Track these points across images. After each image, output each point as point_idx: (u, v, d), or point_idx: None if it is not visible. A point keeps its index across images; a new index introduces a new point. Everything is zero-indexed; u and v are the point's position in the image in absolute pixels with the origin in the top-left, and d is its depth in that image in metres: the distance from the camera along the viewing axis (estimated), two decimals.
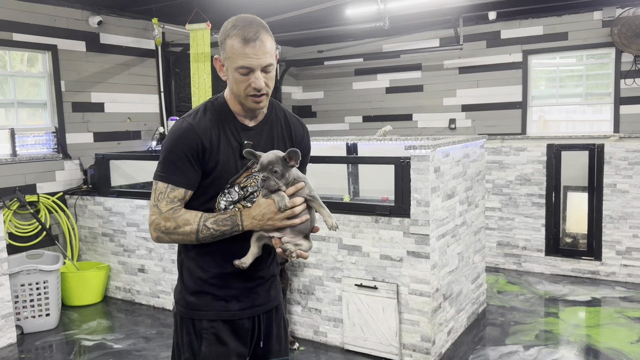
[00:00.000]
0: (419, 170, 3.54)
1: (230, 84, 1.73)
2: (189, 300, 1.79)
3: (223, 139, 1.72)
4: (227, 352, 1.78)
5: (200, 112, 1.75)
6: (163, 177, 1.71)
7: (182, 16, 6.06)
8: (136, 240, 5.08)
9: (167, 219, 1.69)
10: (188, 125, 1.70)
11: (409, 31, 7.58)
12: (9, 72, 5.26)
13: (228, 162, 1.73)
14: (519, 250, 5.87)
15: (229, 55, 1.69)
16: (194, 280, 1.79)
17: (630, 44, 6.26)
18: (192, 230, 1.67)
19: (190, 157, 1.68)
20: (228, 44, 1.69)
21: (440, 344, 3.80)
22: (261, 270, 1.84)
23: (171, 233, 1.69)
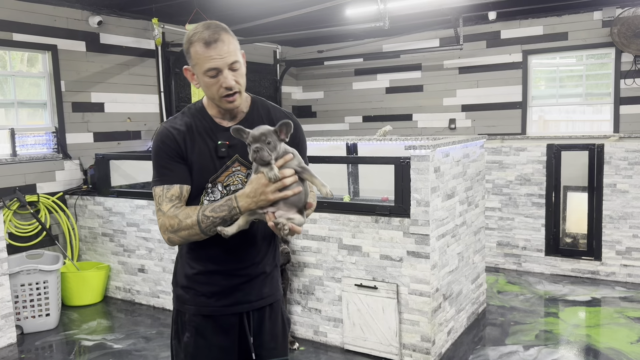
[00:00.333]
0: (419, 170, 3.54)
1: (204, 90, 1.79)
2: (178, 293, 1.91)
3: (198, 139, 1.80)
4: (207, 344, 1.85)
5: (179, 116, 1.86)
6: (158, 182, 1.80)
7: (182, 16, 6.06)
8: (136, 240, 5.08)
9: (171, 217, 1.76)
10: (165, 130, 1.81)
11: (409, 31, 7.58)
12: (9, 72, 5.26)
13: (204, 162, 1.79)
14: (519, 250, 5.87)
15: (195, 62, 1.75)
16: (183, 275, 1.89)
17: (630, 44, 6.27)
18: (194, 222, 1.72)
19: (174, 157, 1.78)
20: (192, 51, 1.74)
21: (440, 344, 3.80)
22: (248, 267, 1.87)
23: (177, 230, 1.75)
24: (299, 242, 4.09)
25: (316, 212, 3.99)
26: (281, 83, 8.60)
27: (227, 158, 1.81)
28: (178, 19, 6.35)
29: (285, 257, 3.89)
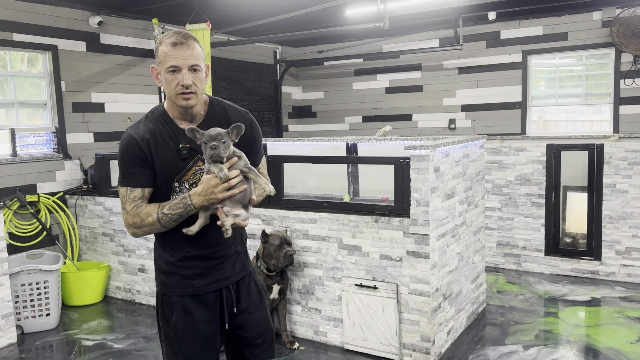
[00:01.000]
0: (418, 170, 3.55)
1: (164, 87, 1.96)
2: (162, 279, 2.10)
3: (161, 143, 1.98)
4: (194, 320, 2.07)
5: (142, 122, 2.02)
6: (122, 183, 2.00)
7: (182, 16, 6.07)
8: (136, 240, 5.08)
9: (133, 215, 1.97)
10: (129, 136, 1.98)
11: (409, 31, 7.59)
12: (10, 72, 5.27)
13: (169, 164, 1.98)
14: (519, 250, 5.87)
15: (160, 59, 1.93)
16: (165, 263, 2.08)
17: (629, 44, 6.27)
18: (155, 220, 1.95)
19: (137, 162, 1.96)
20: (160, 50, 1.93)
21: (440, 343, 3.81)
22: (222, 249, 2.09)
23: (140, 226, 1.98)
24: (299, 242, 4.10)
25: (316, 212, 4.00)
26: (281, 83, 8.60)
27: (189, 159, 2.00)
28: (178, 19, 6.36)
29: (289, 259, 3.88)
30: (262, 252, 3.91)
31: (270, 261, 3.87)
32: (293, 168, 4.30)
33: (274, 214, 4.18)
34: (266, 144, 5.62)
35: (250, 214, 2.03)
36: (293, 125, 8.99)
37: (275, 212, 4.18)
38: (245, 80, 7.96)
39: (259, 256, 3.93)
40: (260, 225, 4.23)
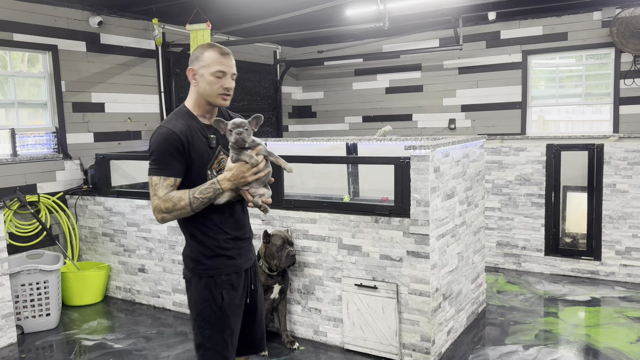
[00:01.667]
0: (418, 170, 3.55)
1: (202, 87, 2.27)
2: (207, 263, 2.30)
3: (195, 136, 2.25)
4: (236, 295, 2.35)
5: (173, 119, 2.28)
6: (155, 172, 2.21)
7: (182, 16, 6.07)
8: (136, 240, 5.08)
9: (165, 200, 2.19)
10: (168, 130, 2.21)
11: (409, 31, 7.59)
12: (10, 72, 5.27)
13: (204, 155, 2.27)
14: (519, 250, 5.88)
15: (206, 63, 2.25)
16: (209, 248, 2.30)
17: (628, 43, 6.28)
18: (186, 204, 2.17)
19: (175, 153, 2.19)
20: (206, 56, 2.25)
21: (440, 343, 3.81)
22: (247, 232, 2.43)
23: (171, 211, 2.19)
24: (299, 242, 4.10)
25: (316, 212, 4.00)
26: (281, 83, 8.60)
27: (215, 149, 2.31)
28: (178, 20, 6.36)
29: (291, 260, 3.89)
30: (264, 252, 3.91)
31: (272, 261, 3.87)
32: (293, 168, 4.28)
33: (274, 214, 4.18)
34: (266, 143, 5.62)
35: (271, 192, 2.34)
36: (293, 125, 8.99)
37: (276, 212, 4.19)
38: (245, 80, 7.96)
39: (261, 256, 3.93)
40: (261, 225, 4.23)
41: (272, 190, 2.38)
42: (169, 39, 6.69)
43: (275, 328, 4.26)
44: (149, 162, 2.24)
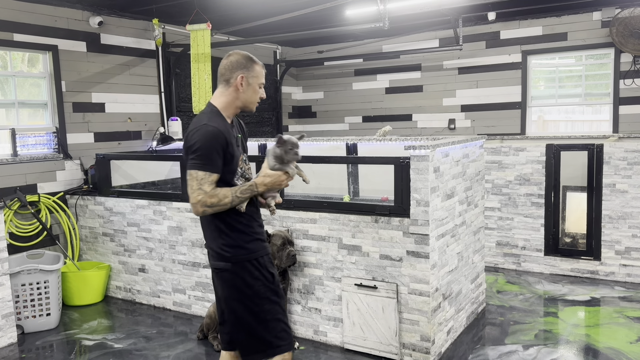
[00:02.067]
0: (418, 170, 3.55)
1: (247, 94, 2.55)
2: (249, 246, 2.51)
3: (231, 136, 2.47)
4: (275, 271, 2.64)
5: (214, 118, 2.45)
6: (203, 167, 2.37)
7: (182, 16, 6.07)
8: (137, 240, 5.09)
9: (212, 196, 2.37)
10: (214, 129, 2.38)
11: (409, 32, 7.60)
12: (10, 73, 5.27)
13: (235, 153, 2.48)
14: (518, 250, 5.88)
15: (256, 74, 2.55)
16: (247, 234, 2.52)
17: (627, 43, 6.29)
18: (229, 201, 2.40)
19: (219, 151, 2.38)
20: (256, 68, 2.55)
21: (440, 343, 3.82)
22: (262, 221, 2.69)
23: (214, 206, 2.39)
24: (299, 242, 4.10)
25: (316, 212, 4.01)
26: (281, 83, 8.61)
27: (239, 147, 2.56)
28: (178, 20, 6.36)
29: (292, 260, 3.89)
30: None
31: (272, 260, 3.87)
32: None
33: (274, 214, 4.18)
34: (266, 144, 5.63)
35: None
36: (293, 125, 8.99)
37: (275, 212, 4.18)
38: None
39: None
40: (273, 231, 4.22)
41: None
42: (169, 39, 6.70)
43: None
44: (191, 157, 2.38)
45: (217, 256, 2.50)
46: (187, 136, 2.44)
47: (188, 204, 4.65)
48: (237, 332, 2.53)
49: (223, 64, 2.53)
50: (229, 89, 2.51)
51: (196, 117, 2.50)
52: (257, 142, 5.29)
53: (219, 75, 2.54)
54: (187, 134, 2.45)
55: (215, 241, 2.51)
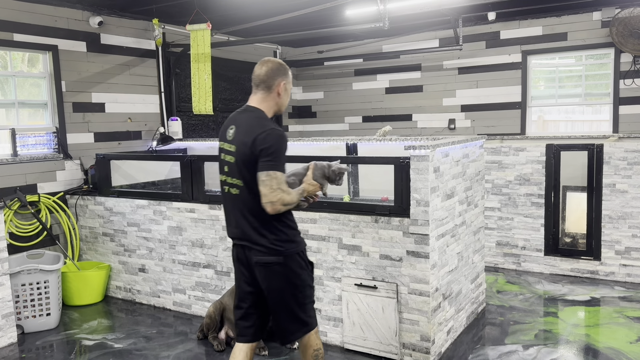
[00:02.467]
0: (418, 170, 3.56)
1: (284, 99, 2.77)
2: (298, 240, 2.76)
3: None
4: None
5: (273, 123, 2.68)
6: (279, 168, 2.59)
7: (182, 17, 6.07)
8: (137, 240, 5.09)
9: (289, 194, 2.59)
10: (283, 133, 2.64)
11: (409, 32, 7.60)
12: (10, 73, 5.28)
13: None
14: (518, 250, 5.88)
15: (290, 80, 2.79)
16: (295, 230, 2.77)
17: (627, 43, 6.29)
18: (296, 201, 2.66)
19: (285, 154, 2.65)
20: (290, 75, 2.79)
21: (440, 343, 3.82)
22: None
23: (289, 205, 2.60)
24: None
25: (316, 212, 4.01)
26: None
27: None
28: (178, 20, 6.36)
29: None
30: None
31: None
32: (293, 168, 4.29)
33: None
34: None
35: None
36: (293, 125, 9.00)
37: None
38: (245, 80, 7.96)
39: None
40: None
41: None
42: (169, 39, 6.70)
43: None
44: (267, 158, 2.55)
45: (268, 251, 2.66)
46: (257, 138, 2.56)
47: (188, 204, 4.66)
48: (283, 320, 2.74)
49: (262, 71, 2.69)
50: (270, 94, 2.71)
51: (254, 121, 2.65)
52: None
53: (259, 82, 2.70)
54: (255, 137, 2.56)
55: (266, 238, 2.66)
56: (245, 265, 2.75)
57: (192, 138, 6.81)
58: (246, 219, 2.67)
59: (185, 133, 6.89)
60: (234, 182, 2.70)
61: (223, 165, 2.77)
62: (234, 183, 2.70)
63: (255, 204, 2.62)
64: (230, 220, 2.78)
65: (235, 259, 2.82)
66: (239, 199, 2.69)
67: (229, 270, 4.52)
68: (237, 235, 2.74)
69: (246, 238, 2.69)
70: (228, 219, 2.80)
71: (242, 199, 2.68)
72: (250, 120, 2.66)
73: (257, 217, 2.64)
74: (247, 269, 2.75)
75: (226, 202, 2.80)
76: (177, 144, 6.34)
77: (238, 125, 2.70)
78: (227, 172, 2.73)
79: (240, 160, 2.63)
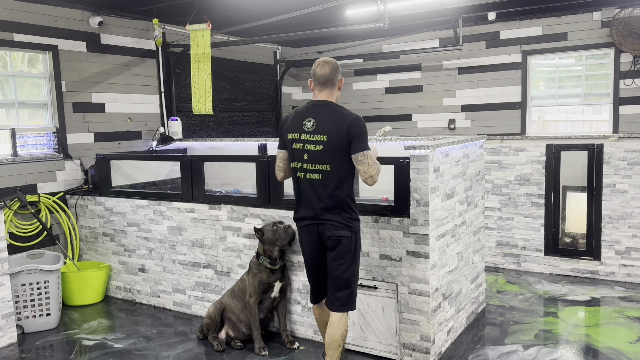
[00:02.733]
0: (418, 170, 3.56)
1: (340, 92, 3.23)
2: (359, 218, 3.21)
3: None
4: None
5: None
6: (368, 147, 3.06)
7: (182, 17, 6.07)
8: (137, 240, 5.09)
9: (379, 164, 3.10)
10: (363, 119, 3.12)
11: (409, 32, 7.60)
12: (10, 73, 5.28)
13: None
14: (518, 250, 5.88)
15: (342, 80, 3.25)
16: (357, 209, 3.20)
17: (626, 43, 6.29)
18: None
19: None
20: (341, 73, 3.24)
21: (440, 343, 3.82)
22: None
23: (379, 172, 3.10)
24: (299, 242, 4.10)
25: None
26: (281, 83, 8.61)
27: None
28: (178, 20, 6.36)
29: (291, 233, 3.96)
30: (263, 247, 3.93)
31: (274, 248, 3.88)
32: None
33: (274, 214, 4.19)
34: (266, 144, 5.63)
35: None
36: None
37: (275, 212, 4.19)
38: (245, 80, 7.97)
39: (260, 254, 3.95)
40: (260, 225, 4.23)
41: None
42: (169, 39, 6.70)
43: (275, 328, 4.27)
44: (361, 140, 3.02)
45: (342, 226, 3.09)
46: (350, 125, 3.01)
47: (188, 204, 4.67)
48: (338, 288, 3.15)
49: (327, 70, 3.11)
50: (334, 90, 3.16)
51: (337, 111, 3.09)
52: (257, 142, 5.29)
53: (324, 80, 3.12)
54: (348, 123, 3.01)
55: (340, 215, 3.09)
56: (317, 241, 3.16)
57: (192, 138, 6.81)
58: (323, 201, 3.07)
59: (185, 133, 6.89)
60: (316, 168, 3.08)
61: (302, 154, 3.10)
62: (316, 169, 3.08)
63: (334, 186, 3.05)
64: (305, 203, 3.15)
65: (305, 238, 3.22)
66: (319, 182, 3.07)
67: (228, 270, 4.52)
68: (311, 215, 3.13)
69: (322, 217, 3.09)
70: (302, 201, 3.18)
71: (322, 183, 3.07)
72: (332, 111, 3.08)
73: (334, 198, 3.06)
74: (318, 243, 3.16)
75: (302, 187, 3.15)
76: (177, 144, 6.34)
77: (317, 118, 3.08)
78: (308, 159, 3.08)
79: (330, 147, 3.03)
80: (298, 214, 3.22)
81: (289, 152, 3.20)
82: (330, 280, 3.18)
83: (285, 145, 3.22)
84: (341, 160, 3.05)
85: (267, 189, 4.24)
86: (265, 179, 4.23)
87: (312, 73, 3.17)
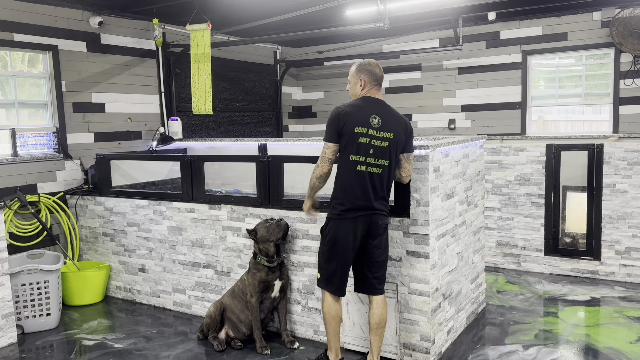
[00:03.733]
0: (418, 170, 3.56)
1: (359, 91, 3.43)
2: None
3: None
4: None
5: None
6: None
7: (182, 17, 6.08)
8: (137, 240, 5.09)
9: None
10: None
11: (409, 32, 7.60)
12: (10, 73, 5.28)
13: None
14: (518, 250, 5.88)
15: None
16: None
17: (627, 43, 6.29)
18: None
19: None
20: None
21: (440, 343, 3.82)
22: None
23: None
24: (299, 242, 4.10)
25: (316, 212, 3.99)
26: (281, 83, 8.61)
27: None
28: (178, 20, 6.36)
29: (284, 226, 3.97)
30: (258, 246, 3.93)
31: (269, 245, 3.89)
32: (293, 168, 4.30)
33: (274, 214, 4.19)
34: (266, 144, 5.63)
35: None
36: (293, 125, 8.99)
37: (275, 212, 4.19)
38: (245, 80, 7.97)
39: (256, 253, 3.95)
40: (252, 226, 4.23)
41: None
42: (169, 39, 6.70)
43: (275, 328, 4.27)
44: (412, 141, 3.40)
45: (387, 215, 3.39)
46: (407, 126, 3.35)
47: (188, 204, 4.67)
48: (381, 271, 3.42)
49: (376, 71, 3.35)
50: (380, 89, 3.40)
51: (395, 112, 3.34)
52: (257, 142, 5.29)
53: (381, 81, 3.40)
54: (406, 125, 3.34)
55: (385, 206, 3.36)
56: (365, 231, 3.30)
57: (192, 138, 6.82)
58: (377, 193, 3.27)
59: (185, 133, 6.89)
60: (379, 163, 3.24)
61: (368, 149, 3.23)
62: (379, 164, 3.25)
63: (387, 180, 3.30)
64: (360, 195, 3.25)
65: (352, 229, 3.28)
66: (378, 177, 3.26)
67: (229, 270, 4.52)
68: (363, 206, 3.26)
69: (374, 207, 3.27)
70: (356, 193, 3.26)
71: (380, 177, 3.26)
72: (391, 110, 3.34)
73: (385, 190, 3.32)
74: (366, 233, 3.31)
75: (361, 180, 3.25)
76: (177, 144, 6.34)
77: (382, 116, 3.27)
78: (373, 154, 3.23)
79: (394, 145, 3.26)
80: (349, 205, 3.27)
81: (349, 145, 3.25)
82: (371, 266, 3.37)
83: (340, 139, 3.28)
84: (395, 157, 3.31)
85: (267, 188, 4.24)
86: (265, 179, 4.23)
87: (368, 72, 3.34)
